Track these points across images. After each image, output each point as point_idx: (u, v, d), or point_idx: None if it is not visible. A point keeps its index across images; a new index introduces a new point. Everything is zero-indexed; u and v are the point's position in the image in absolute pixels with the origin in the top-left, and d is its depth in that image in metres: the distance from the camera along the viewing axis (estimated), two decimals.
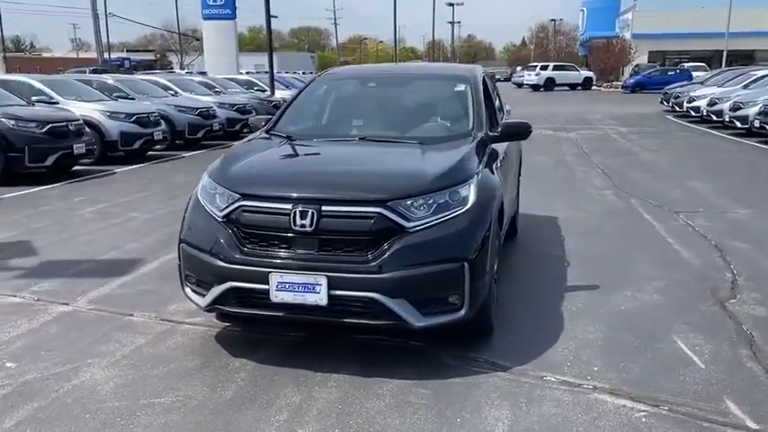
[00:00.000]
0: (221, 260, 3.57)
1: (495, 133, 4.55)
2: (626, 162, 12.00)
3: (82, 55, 77.34)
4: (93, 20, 39.30)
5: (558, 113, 24.03)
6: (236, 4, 35.81)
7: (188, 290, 3.85)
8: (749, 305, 4.65)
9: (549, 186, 9.63)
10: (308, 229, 3.44)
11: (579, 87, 46.47)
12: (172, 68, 57.79)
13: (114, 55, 70.95)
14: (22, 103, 10.88)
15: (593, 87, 47.56)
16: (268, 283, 3.45)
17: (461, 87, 4.90)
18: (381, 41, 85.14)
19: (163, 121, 13.33)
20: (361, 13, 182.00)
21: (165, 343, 4.02)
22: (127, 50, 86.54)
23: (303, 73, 41.65)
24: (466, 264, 3.48)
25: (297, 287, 3.43)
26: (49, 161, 10.08)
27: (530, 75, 47.61)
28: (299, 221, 3.45)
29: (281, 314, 3.56)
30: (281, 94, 20.03)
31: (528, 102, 33.64)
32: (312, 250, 3.47)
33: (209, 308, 3.71)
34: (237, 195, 3.66)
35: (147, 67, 57.89)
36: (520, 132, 4.66)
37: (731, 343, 4.01)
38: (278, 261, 3.48)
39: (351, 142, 4.34)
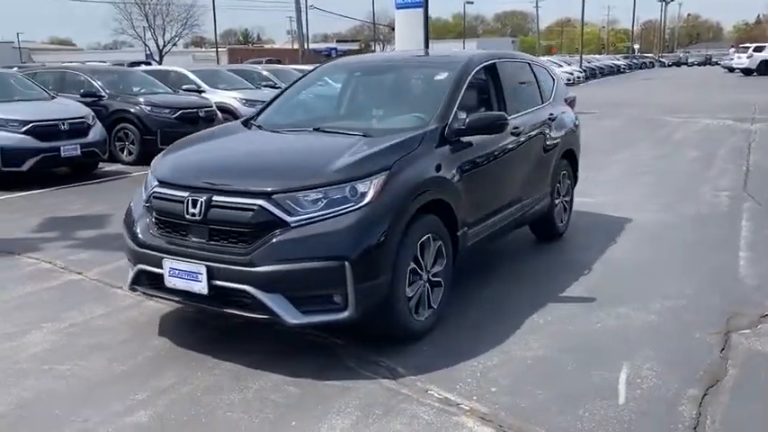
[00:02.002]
0: (135, 243, 3.79)
1: (461, 126, 4.20)
2: None
3: (296, 46, 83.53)
4: (296, 12, 42.52)
5: (754, 102, 21.14)
6: None
7: (129, 269, 4.12)
8: (763, 338, 3.85)
9: (658, 183, 8.63)
10: (198, 218, 3.51)
11: None
12: None
13: (326, 45, 76.07)
14: (168, 90, 12.17)
15: None
16: (162, 268, 3.59)
17: (442, 76, 4.59)
18: (586, 23, 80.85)
19: None
20: None
21: (118, 316, 4.34)
22: (337, 41, 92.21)
23: None
24: (347, 263, 3.32)
25: (184, 274, 3.52)
26: None
27: (740, 57, 41.85)
28: (190, 210, 3.53)
29: (178, 299, 3.68)
30: None
31: (726, 88, 30.05)
32: (202, 239, 3.54)
33: (131, 287, 3.93)
34: (156, 182, 3.84)
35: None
36: (489, 126, 4.24)
37: (687, 381, 3.35)
38: (170, 247, 3.59)
39: (301, 133, 4.31)
